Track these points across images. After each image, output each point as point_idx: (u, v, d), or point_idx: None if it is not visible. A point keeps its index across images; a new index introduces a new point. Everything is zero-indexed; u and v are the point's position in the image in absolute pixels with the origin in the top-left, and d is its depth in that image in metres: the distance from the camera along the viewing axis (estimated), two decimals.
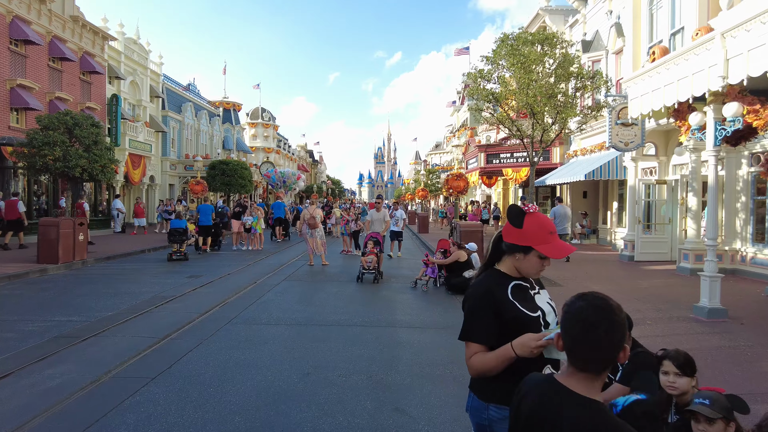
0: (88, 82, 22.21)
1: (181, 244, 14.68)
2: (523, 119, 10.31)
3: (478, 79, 9.39)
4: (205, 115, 37.29)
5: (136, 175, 26.76)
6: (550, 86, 8.61)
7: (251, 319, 7.13)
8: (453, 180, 15.64)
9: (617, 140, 11.88)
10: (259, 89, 54.06)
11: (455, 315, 7.67)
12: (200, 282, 10.37)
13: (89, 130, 13.80)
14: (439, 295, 9.31)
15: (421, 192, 36.58)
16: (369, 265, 10.22)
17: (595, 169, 15.21)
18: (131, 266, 13.00)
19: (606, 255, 14.99)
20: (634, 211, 13.19)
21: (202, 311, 7.57)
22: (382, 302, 8.47)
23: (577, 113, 8.85)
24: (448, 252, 10.05)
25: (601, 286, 9.46)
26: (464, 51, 50.10)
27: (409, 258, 15.49)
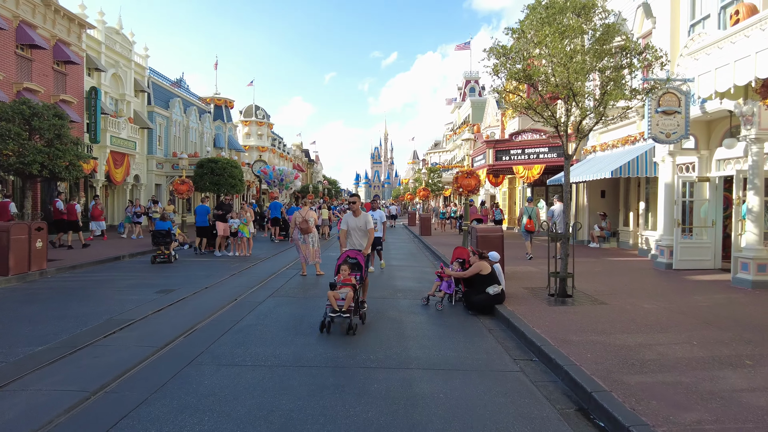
0: (62, 73, 20.46)
1: (166, 246, 13.84)
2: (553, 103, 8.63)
3: (502, 57, 7.69)
4: (194, 112, 35.53)
5: (119, 174, 25.02)
6: (595, 60, 6.94)
7: (222, 358, 5.46)
8: (463, 178, 13.99)
9: (657, 131, 10.27)
10: (252, 86, 52.40)
11: (483, 346, 6.03)
12: (170, 299, 8.70)
13: (51, 121, 12.11)
14: (458, 315, 7.67)
15: (422, 192, 34.92)
16: (341, 305, 6.39)
17: (622, 165, 13.62)
18: (98, 277, 11.30)
19: (635, 262, 13.38)
20: (672, 213, 11.59)
21: (161, 344, 5.90)
22: (389, 328, 6.82)
23: (626, 95, 7.16)
24: (466, 263, 8.42)
25: (652, 303, 7.85)
26: (465, 46, 48.63)
27: (415, 265, 13.84)
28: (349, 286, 6.56)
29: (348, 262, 6.94)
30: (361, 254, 7.13)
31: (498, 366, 5.35)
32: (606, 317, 6.94)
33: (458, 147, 50.88)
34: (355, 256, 7.07)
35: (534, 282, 10.01)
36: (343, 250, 7.39)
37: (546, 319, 6.89)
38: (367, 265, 7.39)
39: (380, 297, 8.98)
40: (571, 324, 6.60)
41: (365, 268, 7.10)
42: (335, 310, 6.36)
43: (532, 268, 12.02)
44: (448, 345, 6.05)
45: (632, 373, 4.71)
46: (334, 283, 6.63)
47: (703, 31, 10.37)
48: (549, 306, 7.76)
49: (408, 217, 38.52)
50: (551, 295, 8.52)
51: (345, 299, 6.42)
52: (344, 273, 6.76)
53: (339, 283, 6.62)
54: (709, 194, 11.42)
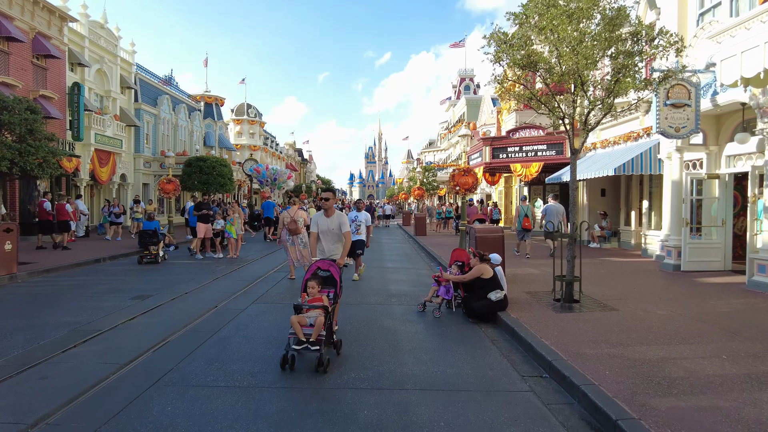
0: (42, 68, 19.65)
1: (154, 246, 13.57)
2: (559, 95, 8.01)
3: (503, 44, 7.06)
4: (184, 110, 34.71)
5: (104, 173, 24.22)
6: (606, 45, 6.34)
7: (191, 377, 4.80)
8: (460, 176, 13.38)
9: (666, 125, 9.71)
10: (244, 84, 51.52)
11: (487, 360, 5.41)
12: (145, 306, 8.02)
13: (22, 116, 11.36)
14: (458, 323, 7.04)
15: (417, 191, 34.32)
16: (309, 333, 4.99)
17: (625, 162, 13.07)
18: (72, 281, 10.59)
19: (640, 263, 12.83)
20: (679, 212, 11.03)
21: (125, 360, 5.23)
22: (382, 339, 6.18)
23: (638, 85, 6.56)
24: (466, 265, 7.80)
25: (666, 309, 7.27)
26: (460, 44, 48.11)
27: (410, 267, 13.22)
28: (319, 309, 5.09)
29: (318, 275, 5.56)
30: (335, 265, 5.69)
31: (505, 385, 4.73)
32: (619, 325, 6.34)
33: (453, 146, 50.34)
34: (328, 267, 5.65)
35: (537, 285, 9.41)
36: (312, 260, 5.90)
37: (554, 327, 6.28)
38: (342, 279, 5.91)
39: (373, 303, 8.35)
40: (582, 334, 5.99)
41: (340, 283, 5.65)
42: (301, 341, 4.92)
43: (533, 270, 11.43)
44: (448, 359, 5.42)
45: (660, 394, 4.11)
46: (300, 305, 5.16)
47: (714, 19, 9.82)
48: (556, 313, 7.16)
49: (403, 217, 37.93)
50: (557, 301, 7.93)
51: (314, 326, 4.99)
52: (313, 291, 5.32)
53: (306, 305, 5.20)
54: (718, 192, 10.87)
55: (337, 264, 5.75)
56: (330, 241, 6.26)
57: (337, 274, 5.64)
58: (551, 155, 18.70)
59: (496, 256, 7.90)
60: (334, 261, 5.83)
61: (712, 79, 9.69)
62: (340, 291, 5.69)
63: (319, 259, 5.87)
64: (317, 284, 5.39)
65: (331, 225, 6.24)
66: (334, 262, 5.75)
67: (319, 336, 5.01)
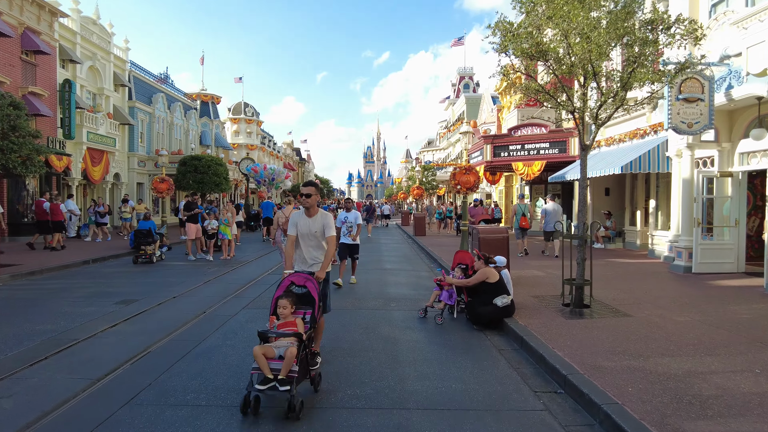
0: (32, 64, 19.14)
1: (150, 246, 13.52)
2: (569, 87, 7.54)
3: (509, 33, 6.60)
4: (179, 108, 34.19)
5: (97, 172, 23.72)
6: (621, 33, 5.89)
7: (170, 394, 4.34)
8: (461, 174, 12.92)
9: (678, 120, 9.26)
10: (241, 83, 51.01)
11: (495, 373, 4.96)
12: (130, 311, 7.55)
13: (5, 111, 10.87)
14: (461, 331, 6.59)
15: (416, 190, 33.87)
16: (277, 369, 3.92)
17: (632, 160, 12.62)
18: (56, 285, 10.11)
19: (648, 264, 12.38)
20: (691, 211, 10.59)
21: (100, 374, 4.76)
22: (380, 350, 5.73)
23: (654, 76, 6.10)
24: (470, 269, 7.34)
25: (683, 315, 6.82)
26: (459, 42, 47.67)
27: (409, 269, 12.75)
28: (291, 337, 4.03)
29: (291, 293, 4.48)
30: (313, 280, 4.54)
31: (517, 403, 4.28)
32: (636, 334, 5.89)
33: (452, 144, 49.93)
34: (304, 282, 4.52)
35: (543, 289, 8.96)
36: (285, 273, 4.71)
37: (566, 336, 5.83)
38: (325, 296, 4.93)
39: (371, 308, 7.89)
40: (597, 343, 5.54)
41: (319, 302, 4.51)
42: (267, 379, 3.84)
43: (538, 272, 10.98)
44: (453, 373, 4.96)
45: (693, 417, 3.66)
46: (265, 333, 4.09)
47: (728, 9, 9.38)
48: (566, 319, 6.70)
49: (402, 217, 37.49)
50: (566, 305, 7.48)
51: (284, 358, 3.91)
52: (284, 312, 4.26)
53: (274, 332, 4.13)
54: (731, 191, 10.43)
55: (316, 278, 4.61)
56: (311, 248, 5.05)
57: (316, 291, 4.47)
58: (554, 153, 18.26)
59: (501, 258, 7.46)
60: (312, 274, 4.66)
61: (727, 72, 9.25)
62: (320, 312, 4.59)
63: (293, 272, 4.69)
64: (290, 303, 4.32)
65: (312, 227, 4.99)
66: (313, 275, 4.63)
67: (291, 372, 3.88)
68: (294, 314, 4.36)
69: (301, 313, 4.45)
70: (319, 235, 5.02)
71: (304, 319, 4.41)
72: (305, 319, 4.42)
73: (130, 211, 20.21)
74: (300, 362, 4.00)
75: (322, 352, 5.27)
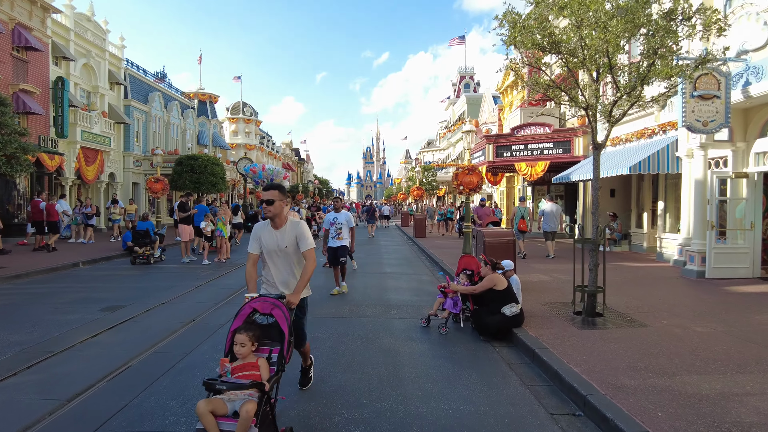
0: (23, 60, 18.68)
1: (149, 247, 13.51)
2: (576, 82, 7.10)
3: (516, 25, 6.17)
4: (176, 107, 33.74)
5: (91, 172, 23.26)
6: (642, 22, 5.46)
7: (146, 419, 3.89)
8: (464, 174, 12.48)
9: (693, 118, 8.84)
10: (240, 83, 50.57)
11: (507, 392, 4.52)
12: (115, 318, 7.11)
13: None
14: (467, 342, 6.15)
15: (416, 191, 33.43)
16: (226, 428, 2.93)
17: (641, 160, 12.19)
18: (41, 289, 9.67)
19: (657, 268, 11.95)
20: (703, 213, 10.16)
21: (70, 395, 4.31)
22: (380, 364, 5.28)
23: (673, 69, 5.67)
24: (475, 275, 6.91)
25: (704, 326, 6.39)
26: (460, 41, 47.24)
27: (410, 272, 12.31)
28: (249, 389, 3.03)
29: (253, 324, 3.43)
30: (282, 306, 3.48)
31: (532, 428, 3.84)
32: (656, 347, 5.45)
33: (453, 145, 49.51)
34: (270, 310, 3.47)
35: (551, 295, 8.53)
36: (247, 297, 3.59)
37: (581, 349, 5.40)
38: (300, 328, 4.10)
39: (370, 316, 7.44)
40: (616, 357, 5.11)
41: (290, 336, 3.39)
42: None
43: (544, 277, 10.55)
44: (460, 391, 4.52)
45: None
46: (213, 383, 2.99)
47: (746, 1, 8.95)
48: (579, 330, 6.27)
49: (401, 218, 37.06)
50: (577, 314, 7.05)
51: (239, 416, 2.91)
52: (243, 350, 3.24)
53: (226, 381, 3.07)
54: (746, 192, 10.01)
55: (287, 304, 3.54)
56: (281, 268, 4.02)
57: (287, 321, 3.39)
58: (558, 153, 17.82)
59: (509, 262, 7.03)
60: (280, 298, 3.58)
61: (744, 68, 8.83)
62: (290, 350, 3.39)
63: (256, 296, 3.58)
64: (251, 339, 3.27)
65: (281, 241, 3.96)
66: (282, 300, 3.55)
67: None
68: (256, 353, 3.34)
69: (266, 351, 3.38)
70: (292, 251, 3.99)
71: (270, 359, 3.32)
72: (271, 359, 3.32)
73: (119, 212, 19.72)
74: (261, 420, 2.94)
75: (316, 366, 4.84)
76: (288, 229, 4.00)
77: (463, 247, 12.63)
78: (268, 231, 4.02)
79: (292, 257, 4.04)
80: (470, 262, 7.13)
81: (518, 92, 25.31)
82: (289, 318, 3.44)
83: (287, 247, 3.98)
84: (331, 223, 9.16)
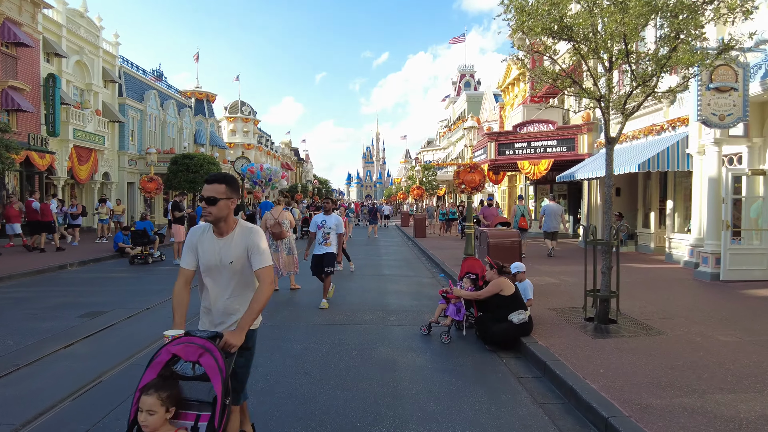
0: (12, 56, 18.20)
1: (149, 246, 13.52)
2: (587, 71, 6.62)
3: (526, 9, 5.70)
4: (172, 105, 33.26)
5: (84, 171, 22.78)
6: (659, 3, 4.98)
7: None
8: (465, 173, 12.01)
9: (709, 112, 8.37)
10: (238, 82, 50.11)
11: (518, 412, 4.04)
12: (93, 326, 6.64)
13: None
14: (472, 352, 5.67)
15: (416, 190, 32.95)
16: None
17: (650, 158, 11.71)
18: (20, 293, 9.19)
19: (667, 270, 11.47)
20: (718, 213, 9.69)
21: (27, 417, 3.84)
22: (376, 379, 4.81)
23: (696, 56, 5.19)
24: (480, 279, 6.43)
25: (728, 334, 5.91)
26: (460, 39, 46.77)
27: (410, 275, 11.84)
28: None
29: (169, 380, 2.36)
30: (215, 350, 2.38)
31: None
32: (679, 359, 4.97)
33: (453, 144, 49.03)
34: (197, 357, 2.35)
35: (559, 299, 8.06)
36: (167, 336, 2.49)
37: (596, 361, 4.92)
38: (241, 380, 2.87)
39: (367, 323, 6.96)
40: (636, 371, 4.63)
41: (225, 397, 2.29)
42: None
43: (550, 279, 10.07)
44: (465, 411, 4.04)
45: None
46: None
47: None
48: (592, 338, 5.79)
49: (401, 218, 36.58)
50: (588, 320, 6.58)
51: None
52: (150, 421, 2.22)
53: None
54: (762, 190, 9.53)
55: (224, 347, 2.47)
56: (223, 292, 2.88)
57: (220, 374, 2.31)
58: (562, 151, 17.34)
59: (519, 264, 6.57)
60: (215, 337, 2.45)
61: (763, 59, 8.36)
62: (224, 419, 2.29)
63: (179, 335, 2.46)
64: (163, 403, 2.25)
65: (226, 254, 2.85)
66: (216, 341, 2.43)
67: None
68: (175, 421, 2.31)
69: (191, 418, 2.34)
70: (240, 268, 2.86)
71: (195, 430, 2.32)
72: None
73: (107, 212, 19.21)
74: None
75: (306, 381, 4.36)
76: (237, 237, 2.85)
77: (465, 248, 12.16)
78: (208, 239, 2.88)
79: (240, 277, 2.87)
80: (474, 265, 6.65)
81: (520, 90, 24.83)
82: (224, 369, 2.31)
83: (233, 263, 2.83)
84: (318, 226, 8.00)
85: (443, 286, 6.99)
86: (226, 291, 2.89)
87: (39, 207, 15.37)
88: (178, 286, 2.90)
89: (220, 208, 2.79)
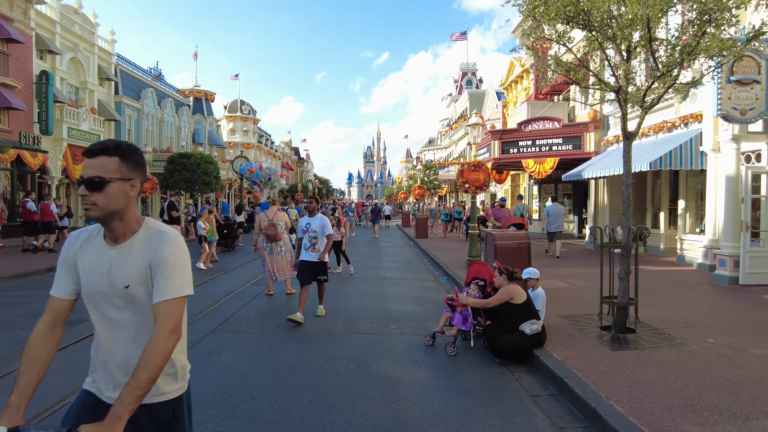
0: (3, 53, 17.74)
1: None
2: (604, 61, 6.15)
3: None
4: (170, 104, 32.81)
5: (79, 170, 22.29)
6: None
7: None
8: (469, 171, 11.54)
9: (729, 106, 7.89)
10: (238, 80, 49.65)
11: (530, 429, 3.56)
12: (75, 335, 6.15)
13: None
14: (480, 366, 5.20)
15: (417, 190, 32.47)
16: None
17: (662, 156, 11.24)
18: (4, 298, 8.74)
19: (681, 273, 10.99)
20: (737, 213, 9.21)
21: None
22: (375, 399, 4.34)
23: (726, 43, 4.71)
24: (488, 285, 5.96)
25: (760, 346, 5.43)
26: (462, 36, 46.28)
27: (412, 277, 11.37)
28: None
29: None
30: None
31: None
32: (710, 374, 4.50)
33: (454, 143, 48.56)
34: None
35: (571, 305, 7.59)
36: None
37: (618, 377, 4.45)
38: None
39: (366, 332, 6.50)
40: (665, 390, 4.16)
41: None
42: None
43: (560, 283, 9.59)
44: None
45: None
46: None
47: None
48: (610, 350, 5.33)
49: (402, 218, 36.11)
50: (604, 329, 6.12)
51: None
52: None
53: None
54: None
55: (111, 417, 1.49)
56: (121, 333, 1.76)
57: None
58: (568, 149, 16.85)
59: (533, 270, 6.12)
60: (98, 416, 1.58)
61: None
62: None
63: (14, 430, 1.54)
64: None
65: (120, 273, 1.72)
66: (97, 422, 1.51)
67: None
68: None
69: None
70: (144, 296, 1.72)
71: None
72: None
73: None
74: None
75: (301, 398, 3.89)
76: (138, 245, 1.75)
77: (469, 250, 11.71)
78: (95, 249, 1.79)
79: (147, 310, 1.72)
80: (482, 270, 6.17)
81: (524, 87, 24.35)
82: None
83: (130, 288, 1.72)
84: (303, 230, 7.13)
85: (447, 290, 6.53)
86: (126, 333, 1.74)
87: (36, 207, 15.05)
88: (39, 328, 1.81)
89: (109, 195, 1.65)
